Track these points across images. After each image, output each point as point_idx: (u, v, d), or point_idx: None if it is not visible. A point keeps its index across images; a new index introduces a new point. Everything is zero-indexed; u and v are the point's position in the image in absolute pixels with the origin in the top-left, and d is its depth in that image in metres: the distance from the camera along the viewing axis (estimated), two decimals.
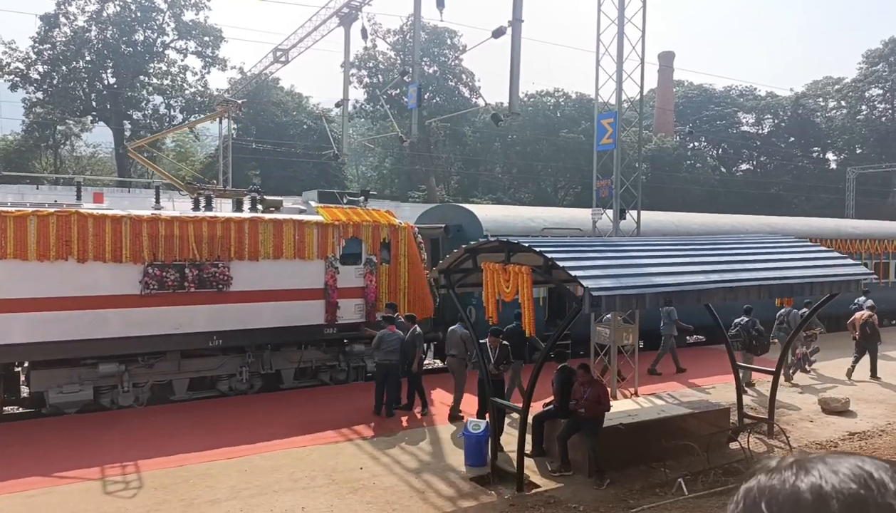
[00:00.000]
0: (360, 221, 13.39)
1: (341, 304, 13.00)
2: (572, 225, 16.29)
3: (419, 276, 13.83)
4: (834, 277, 8.87)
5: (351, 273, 13.16)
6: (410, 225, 14.35)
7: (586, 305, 6.98)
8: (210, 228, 11.84)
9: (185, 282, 11.58)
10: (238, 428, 10.31)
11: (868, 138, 59.06)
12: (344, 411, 11.31)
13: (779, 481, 0.66)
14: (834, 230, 21.08)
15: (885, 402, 12.50)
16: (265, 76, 30.82)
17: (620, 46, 12.18)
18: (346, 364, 13.54)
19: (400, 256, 13.67)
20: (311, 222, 12.84)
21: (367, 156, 64.48)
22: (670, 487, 8.06)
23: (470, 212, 15.80)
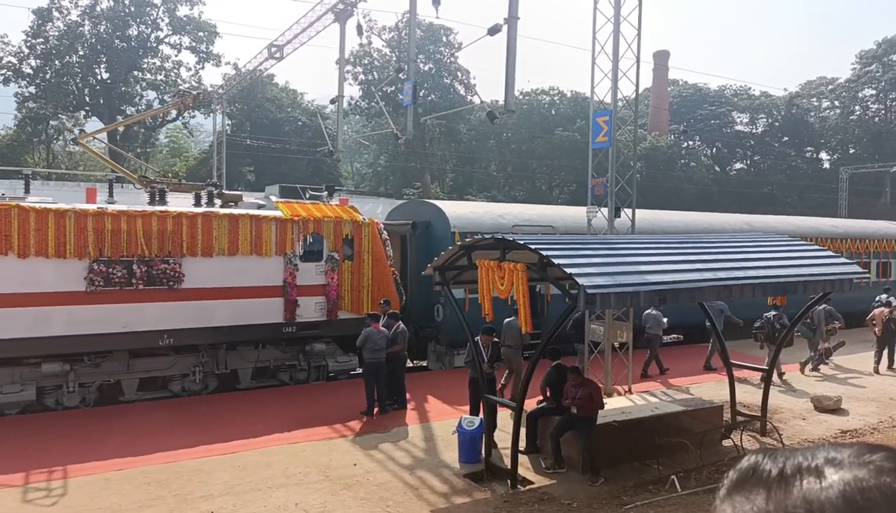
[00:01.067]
0: (322, 217, 13.03)
1: (301, 302, 12.63)
2: (543, 222, 16.14)
3: (384, 273, 13.57)
4: (827, 275, 8.92)
5: (311, 270, 12.80)
6: (375, 221, 14.03)
7: (581, 303, 6.99)
8: (160, 223, 11.43)
9: (134, 279, 11.18)
10: (231, 424, 10.28)
11: (861, 138, 59.36)
12: (338, 407, 11.30)
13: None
14: (814, 229, 20.86)
15: (876, 400, 12.58)
16: (260, 72, 30.70)
17: (616, 45, 12.19)
18: (307, 364, 13.20)
19: (363, 252, 13.36)
20: (268, 218, 12.48)
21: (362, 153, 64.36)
22: (663, 484, 8.09)
23: (438, 208, 15.58)
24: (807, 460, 0.66)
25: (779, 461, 0.67)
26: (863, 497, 0.60)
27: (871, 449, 0.66)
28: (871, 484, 0.61)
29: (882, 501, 0.59)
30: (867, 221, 26.74)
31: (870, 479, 0.61)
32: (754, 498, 0.65)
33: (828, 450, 0.67)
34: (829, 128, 61.79)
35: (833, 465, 0.64)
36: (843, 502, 0.60)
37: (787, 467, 0.66)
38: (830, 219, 25.02)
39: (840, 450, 0.66)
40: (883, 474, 0.62)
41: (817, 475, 0.64)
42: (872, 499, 0.60)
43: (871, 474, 0.62)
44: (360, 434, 9.94)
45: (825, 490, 0.62)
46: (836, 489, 0.61)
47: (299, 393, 12.52)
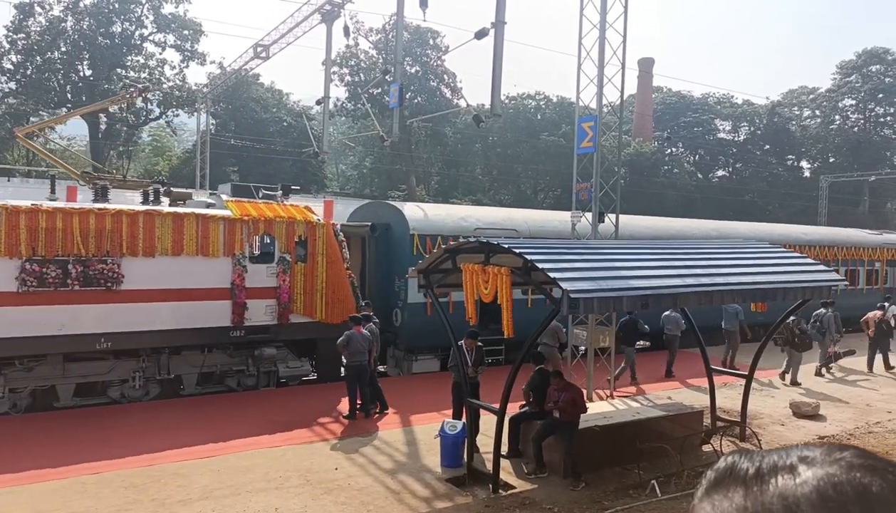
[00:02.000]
0: (273, 217, 12.61)
1: (250, 305, 12.19)
2: (507, 226, 15.86)
3: (339, 275, 13.18)
4: (806, 282, 9.02)
5: (262, 272, 12.38)
6: (331, 222, 13.59)
7: (564, 307, 7.01)
8: (98, 221, 10.88)
9: (69, 279, 10.66)
10: (211, 427, 10.17)
11: (841, 148, 60.28)
12: (319, 411, 11.23)
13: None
14: (784, 236, 20.65)
15: (853, 406, 12.75)
16: (245, 72, 30.52)
17: (602, 51, 12.28)
18: (256, 369, 12.73)
19: (317, 254, 12.92)
20: (216, 217, 11.98)
21: (348, 154, 64.19)
22: (644, 488, 8.13)
23: (398, 210, 15.23)
24: (781, 459, 0.69)
25: (755, 461, 0.70)
26: (835, 491, 0.63)
27: (840, 448, 0.69)
28: (843, 479, 0.64)
29: (853, 494, 0.63)
30: (837, 228, 27.02)
31: (841, 474, 0.64)
32: (732, 496, 0.67)
33: (801, 449, 0.70)
34: (810, 137, 62.69)
35: (806, 463, 0.67)
36: (818, 496, 0.63)
37: (763, 465, 0.69)
38: (801, 226, 25.15)
39: (812, 449, 0.70)
40: (853, 469, 0.65)
41: (792, 473, 0.66)
42: (844, 493, 0.63)
43: (842, 470, 0.65)
44: (342, 438, 9.88)
45: (800, 486, 0.64)
46: (811, 485, 0.64)
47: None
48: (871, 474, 0.64)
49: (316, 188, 48.18)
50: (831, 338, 15.43)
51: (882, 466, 0.66)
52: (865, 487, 0.63)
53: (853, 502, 0.61)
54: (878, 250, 23.22)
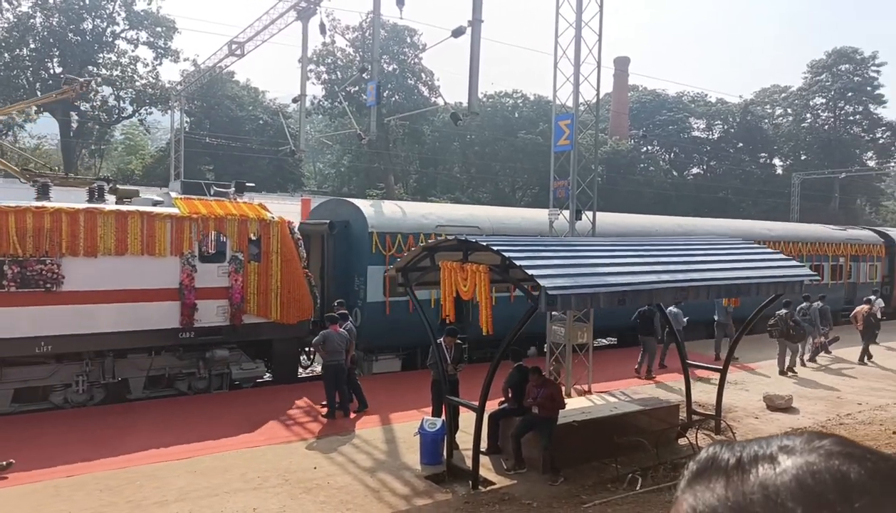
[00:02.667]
0: (225, 215, 12.21)
1: (200, 305, 11.79)
2: (469, 223, 15.54)
3: (295, 274, 12.85)
4: (779, 277, 9.19)
5: (212, 272, 11.99)
6: (285, 220, 13.16)
7: (543, 304, 7.06)
8: (36, 220, 10.42)
9: (4, 280, 10.25)
10: (187, 428, 10.05)
11: (812, 145, 61.49)
12: (296, 410, 11.16)
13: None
14: (747, 232, 20.41)
15: (824, 399, 13.02)
16: (220, 69, 30.14)
17: (578, 50, 12.36)
18: (208, 372, 12.30)
19: (272, 253, 12.58)
20: (162, 215, 11.57)
21: (325, 153, 63.82)
22: (621, 482, 8.22)
23: (357, 208, 14.82)
24: (762, 448, 0.70)
25: (736, 451, 0.71)
26: (814, 480, 0.64)
27: (819, 436, 0.70)
28: (822, 467, 0.65)
29: (832, 482, 0.63)
30: (801, 224, 27.46)
31: (820, 463, 0.65)
32: (714, 486, 0.68)
33: (780, 439, 0.71)
34: (782, 135, 63.85)
35: (786, 452, 0.68)
36: (797, 485, 0.64)
37: (743, 455, 0.69)
38: (765, 222, 25.31)
39: (792, 438, 0.70)
40: (832, 457, 0.66)
41: (772, 462, 0.67)
42: (823, 481, 0.63)
43: (822, 458, 0.66)
44: (320, 437, 9.83)
45: (780, 475, 0.65)
46: (790, 474, 0.65)
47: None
48: (849, 462, 0.65)
49: (293, 187, 47.86)
50: (819, 330, 16.38)
51: (860, 453, 0.66)
52: (844, 474, 0.63)
53: (832, 489, 0.62)
54: (842, 246, 23.46)
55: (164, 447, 9.14)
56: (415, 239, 14.07)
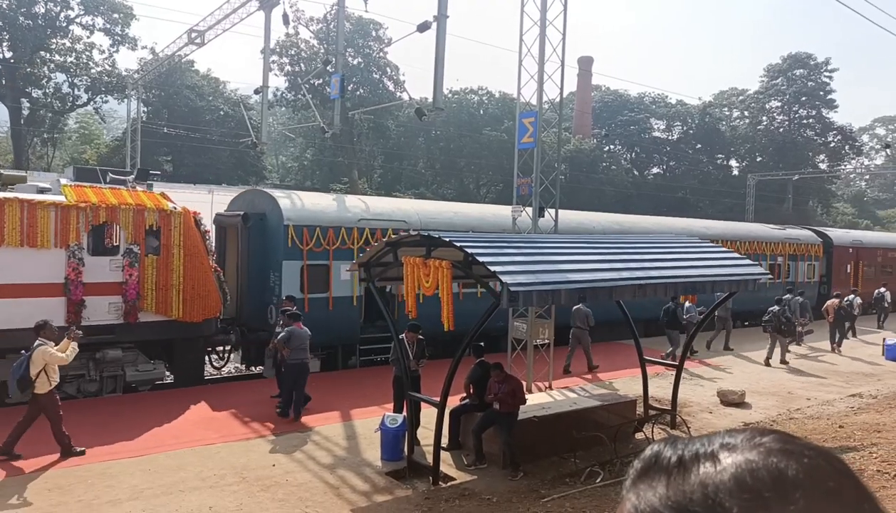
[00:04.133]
0: (118, 204, 11.29)
1: (89, 302, 10.93)
2: (396, 217, 14.96)
3: (200, 269, 12.08)
4: (733, 276, 9.42)
5: (104, 265, 11.11)
6: (189, 210, 12.33)
7: (505, 300, 7.09)
8: None
9: None
10: (140, 425, 9.81)
11: (767, 147, 63.29)
12: (253, 405, 10.99)
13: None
14: (685, 229, 20.62)
15: (775, 394, 13.42)
16: (179, 58, 29.46)
17: (542, 48, 12.44)
18: (98, 374, 11.44)
19: (173, 246, 11.74)
20: (45, 203, 10.64)
21: (288, 146, 63.02)
22: (580, 476, 8.33)
23: (272, 198, 14.01)
24: (704, 446, 0.70)
25: (678, 449, 0.70)
26: (752, 477, 0.64)
27: (762, 433, 0.70)
28: (760, 465, 0.65)
29: (769, 479, 0.63)
30: (740, 223, 27.80)
31: (759, 460, 0.65)
32: (656, 486, 0.68)
33: (723, 436, 0.71)
34: (739, 137, 65.56)
35: (727, 449, 0.68)
36: (735, 483, 0.64)
37: (685, 454, 0.69)
38: (703, 220, 25.26)
39: (734, 435, 0.70)
40: (771, 455, 0.66)
41: (713, 460, 0.67)
42: (761, 479, 0.64)
43: (761, 455, 0.66)
44: (280, 434, 9.70)
45: (719, 473, 0.65)
46: (729, 472, 0.65)
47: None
48: (788, 459, 0.65)
49: (255, 180, 47.13)
50: (799, 322, 17.63)
51: (799, 449, 0.67)
52: (781, 471, 0.64)
53: (768, 487, 0.63)
54: (780, 245, 23.68)
55: (116, 444, 8.90)
56: (335, 233, 13.76)
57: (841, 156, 66.64)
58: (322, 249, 13.59)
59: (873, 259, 28.28)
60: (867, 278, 27.06)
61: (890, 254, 29.48)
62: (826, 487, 0.64)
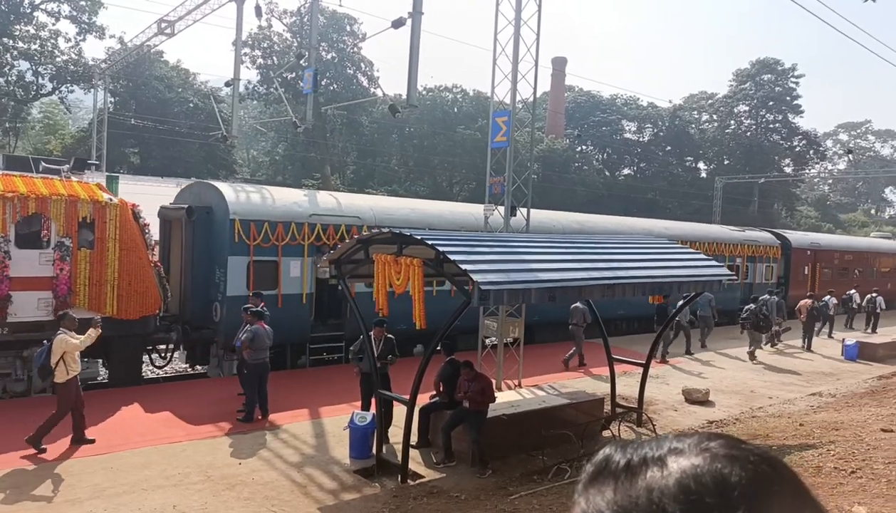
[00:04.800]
0: (49, 195, 10.79)
1: (16, 297, 10.47)
2: (348, 213, 14.59)
3: (138, 264, 11.62)
4: (699, 276, 9.59)
5: (32, 259, 10.65)
6: (126, 202, 11.81)
7: (475, 299, 7.11)
8: None
9: None
10: (101, 421, 9.61)
11: (735, 151, 64.53)
12: (218, 404, 10.85)
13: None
14: (646, 230, 20.76)
15: (739, 393, 13.70)
16: (148, 48, 28.88)
17: (516, 47, 12.49)
18: (26, 373, 10.93)
19: (108, 239, 11.25)
20: None
21: (259, 140, 62.27)
22: (547, 473, 8.41)
23: (218, 191, 13.45)
24: (653, 450, 0.70)
25: (627, 453, 0.71)
26: (696, 483, 0.64)
27: (710, 437, 0.70)
28: (705, 470, 0.65)
29: (712, 485, 0.64)
30: (700, 224, 27.52)
31: (704, 465, 0.66)
32: (605, 490, 0.68)
33: (671, 441, 0.71)
34: (707, 140, 66.71)
35: (675, 454, 0.68)
36: (678, 488, 0.64)
37: (633, 458, 0.70)
38: (664, 221, 25.29)
39: (683, 440, 0.71)
40: (717, 460, 0.66)
41: (660, 465, 0.67)
42: (704, 484, 0.64)
43: (707, 460, 0.66)
44: (246, 433, 9.58)
45: (664, 479, 0.65)
46: (674, 477, 0.65)
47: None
48: (732, 464, 0.65)
49: (225, 174, 46.49)
50: (774, 319, 18.44)
51: (745, 455, 0.67)
52: (725, 477, 0.64)
53: (711, 493, 0.63)
54: (739, 246, 23.91)
55: (76, 442, 8.70)
56: (284, 228, 13.39)
57: (805, 160, 68.27)
58: (270, 244, 13.22)
59: (830, 262, 28.82)
60: (824, 280, 27.53)
61: (846, 257, 30.08)
62: (769, 493, 0.64)
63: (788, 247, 26.46)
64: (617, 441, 0.75)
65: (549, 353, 15.70)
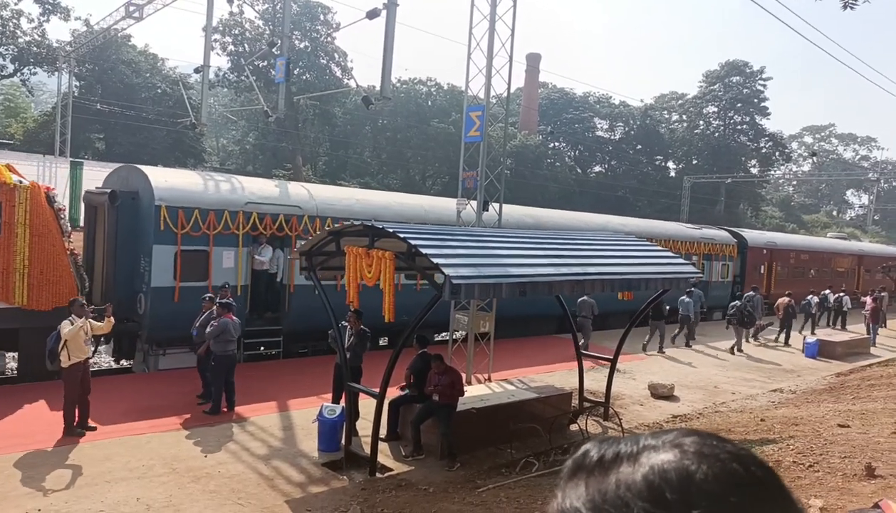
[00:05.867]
0: None
1: None
2: (287, 202, 13.93)
3: (52, 252, 11.02)
4: (666, 274, 9.75)
5: None
6: (39, 185, 11.20)
7: (447, 292, 7.12)
8: None
9: None
10: None
11: (703, 151, 65.68)
12: (186, 398, 10.69)
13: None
14: (601, 226, 20.71)
15: (703, 388, 13.99)
16: (115, 32, 28.17)
17: (491, 42, 12.50)
18: None
19: (17, 224, 10.61)
20: None
21: (230, 128, 61.30)
22: (515, 466, 8.48)
23: (144, 175, 12.69)
24: (628, 446, 0.71)
25: (602, 449, 0.71)
26: (661, 479, 0.65)
27: (686, 434, 0.71)
28: (671, 467, 0.66)
29: (676, 481, 0.64)
30: (657, 221, 27.20)
31: (672, 462, 0.66)
32: (579, 485, 0.69)
33: (648, 437, 0.72)
34: (677, 139, 67.77)
35: (648, 450, 0.69)
36: (644, 483, 0.65)
37: (607, 453, 0.70)
38: (621, 217, 24.90)
39: (659, 436, 0.71)
40: (686, 457, 0.67)
41: (632, 461, 0.68)
42: (668, 480, 0.64)
43: (676, 457, 0.67)
44: (213, 425, 9.46)
45: (633, 473, 0.66)
46: (641, 473, 0.66)
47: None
48: (700, 462, 0.66)
49: (193, 162, 45.71)
50: (758, 316, 19.81)
51: (715, 453, 0.67)
52: (690, 474, 0.64)
53: (673, 489, 0.63)
54: (696, 244, 23.56)
55: (34, 434, 8.49)
56: (217, 216, 12.71)
57: (771, 162, 69.87)
58: (201, 233, 12.57)
59: (786, 261, 29.11)
60: (780, 279, 27.73)
61: (802, 256, 30.47)
62: (733, 492, 0.64)
63: (745, 245, 26.41)
64: (596, 438, 0.75)
65: (517, 347, 15.80)
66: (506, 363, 14.43)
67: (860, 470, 6.52)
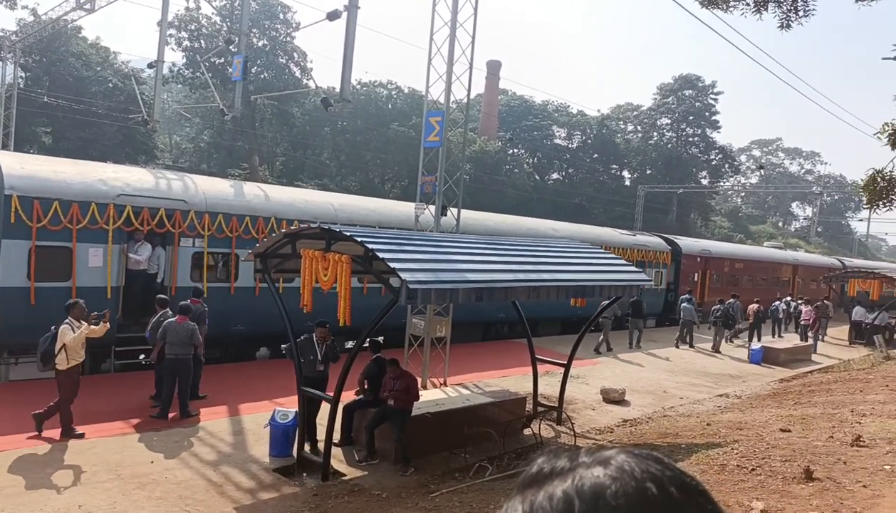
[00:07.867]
0: None
1: None
2: (172, 195, 12.78)
3: None
4: (619, 281, 9.96)
5: None
6: None
7: (403, 297, 7.11)
8: None
9: None
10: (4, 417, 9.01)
11: (656, 161, 67.32)
12: (131, 402, 10.39)
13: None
14: (531, 230, 20.65)
15: (653, 393, 14.31)
16: (65, 23, 27.24)
17: (452, 48, 12.56)
18: None
19: None
20: None
21: (184, 125, 59.94)
22: (469, 471, 8.51)
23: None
24: (565, 462, 0.73)
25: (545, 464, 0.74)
26: (576, 492, 0.68)
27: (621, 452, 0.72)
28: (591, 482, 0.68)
29: (589, 495, 0.67)
30: (588, 226, 26.66)
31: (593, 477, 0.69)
32: (524, 499, 0.72)
33: (586, 454, 0.74)
34: (632, 149, 69.29)
35: (581, 466, 0.71)
36: (563, 496, 0.68)
37: (545, 468, 0.73)
38: (552, 221, 24.32)
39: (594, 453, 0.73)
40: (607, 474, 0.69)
41: (564, 476, 0.71)
42: (582, 494, 0.67)
43: (600, 473, 0.69)
44: (161, 430, 9.21)
45: (559, 487, 0.69)
46: (563, 487, 0.69)
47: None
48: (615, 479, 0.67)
49: (145, 159, 44.47)
50: (739, 319, 22.02)
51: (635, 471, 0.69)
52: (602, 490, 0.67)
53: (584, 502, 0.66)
54: (629, 251, 23.34)
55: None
56: (82, 209, 11.49)
57: (721, 173, 72.14)
58: (62, 227, 11.31)
59: (721, 269, 29.34)
60: (713, 287, 27.88)
61: (737, 265, 30.87)
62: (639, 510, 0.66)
63: (679, 253, 26.40)
64: (553, 451, 0.77)
65: (474, 352, 15.88)
66: (462, 368, 14.48)
67: (799, 473, 6.77)
